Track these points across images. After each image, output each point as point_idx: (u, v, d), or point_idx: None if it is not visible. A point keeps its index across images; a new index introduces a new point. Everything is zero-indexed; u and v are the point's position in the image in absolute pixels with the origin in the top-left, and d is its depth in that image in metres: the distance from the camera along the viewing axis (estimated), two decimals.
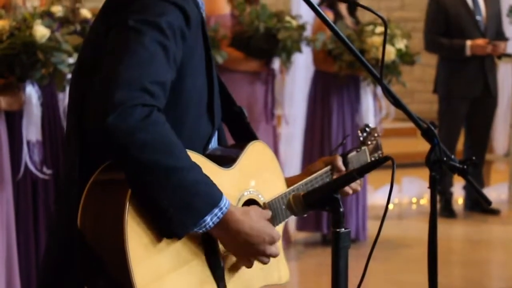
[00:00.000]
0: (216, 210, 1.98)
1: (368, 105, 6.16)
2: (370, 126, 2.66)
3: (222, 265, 2.11)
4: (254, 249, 2.07)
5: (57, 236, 2.09)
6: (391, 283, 5.46)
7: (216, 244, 2.10)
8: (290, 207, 2.06)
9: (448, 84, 7.08)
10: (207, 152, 2.18)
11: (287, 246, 5.93)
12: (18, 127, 4.31)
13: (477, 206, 7.18)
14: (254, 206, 2.16)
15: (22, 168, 4.30)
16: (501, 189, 7.71)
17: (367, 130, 2.64)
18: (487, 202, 2.16)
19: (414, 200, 7.58)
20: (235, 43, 5.74)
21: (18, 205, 4.33)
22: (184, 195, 1.94)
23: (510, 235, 6.73)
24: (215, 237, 2.05)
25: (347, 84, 6.17)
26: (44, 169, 4.37)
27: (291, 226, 6.26)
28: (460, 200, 7.43)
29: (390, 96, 2.10)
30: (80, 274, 1.99)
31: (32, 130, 4.30)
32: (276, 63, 5.87)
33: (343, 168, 2.46)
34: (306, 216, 2.12)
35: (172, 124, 1.97)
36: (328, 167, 2.45)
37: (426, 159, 2.05)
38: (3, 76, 4.23)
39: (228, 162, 2.18)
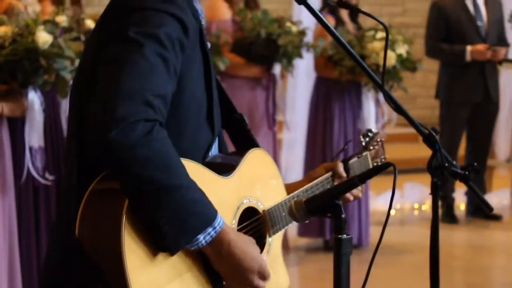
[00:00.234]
0: (209, 229, 1.98)
1: (369, 110, 6.15)
2: (373, 131, 2.65)
3: (221, 278, 2.09)
4: (243, 276, 2.05)
5: (57, 242, 2.10)
6: None
7: None
8: (292, 213, 2.06)
9: (449, 90, 7.08)
10: (207, 159, 2.17)
11: (286, 252, 5.91)
12: (21, 133, 4.31)
13: (479, 211, 7.16)
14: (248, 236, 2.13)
15: (25, 174, 4.31)
16: (503, 194, 7.70)
17: (370, 135, 2.62)
18: (489, 209, 2.16)
19: (416, 206, 7.58)
20: (236, 49, 5.75)
21: (20, 210, 4.33)
22: (180, 213, 1.94)
23: None
24: (207, 255, 2.03)
25: (349, 90, 6.17)
26: (46, 175, 4.38)
27: (293, 232, 6.25)
28: (462, 206, 7.42)
29: (391, 102, 2.10)
30: (79, 281, 1.99)
31: (34, 136, 4.31)
32: (277, 69, 5.88)
33: (344, 174, 2.46)
34: (308, 222, 2.11)
35: (172, 134, 1.97)
36: (329, 173, 2.44)
37: (428, 165, 2.05)
38: (5, 82, 4.23)
39: (228, 169, 2.18)
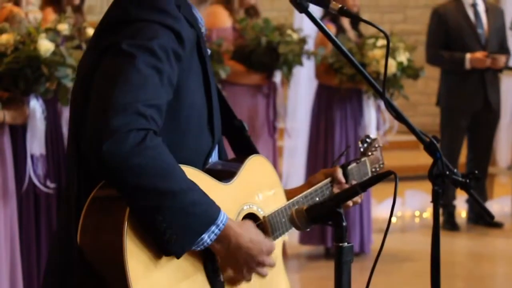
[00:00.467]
0: (213, 227, 1.99)
1: (370, 118, 6.16)
2: (371, 136, 2.66)
3: (222, 280, 2.11)
4: (254, 260, 2.09)
5: (58, 250, 2.10)
6: None
7: (215, 259, 2.10)
8: (293, 221, 2.06)
9: (449, 98, 7.08)
10: (207, 166, 2.18)
11: (285, 259, 5.90)
12: (22, 141, 4.32)
13: (480, 219, 7.15)
14: (246, 220, 2.16)
15: (26, 182, 4.31)
16: (504, 202, 7.69)
17: (368, 140, 2.64)
18: (490, 217, 2.16)
19: (417, 213, 7.57)
20: (237, 56, 5.75)
21: (21, 218, 4.33)
22: (182, 217, 1.95)
23: None
24: (214, 252, 2.06)
25: (350, 97, 6.17)
26: (48, 182, 4.38)
27: (293, 239, 6.24)
28: (463, 213, 7.41)
29: (392, 110, 2.11)
30: None
31: (35, 144, 4.31)
32: (277, 77, 5.88)
33: (343, 180, 2.47)
34: (309, 229, 2.12)
35: (172, 143, 1.98)
36: (328, 179, 2.45)
37: (429, 173, 2.05)
38: (7, 90, 4.24)
39: (228, 176, 2.19)
